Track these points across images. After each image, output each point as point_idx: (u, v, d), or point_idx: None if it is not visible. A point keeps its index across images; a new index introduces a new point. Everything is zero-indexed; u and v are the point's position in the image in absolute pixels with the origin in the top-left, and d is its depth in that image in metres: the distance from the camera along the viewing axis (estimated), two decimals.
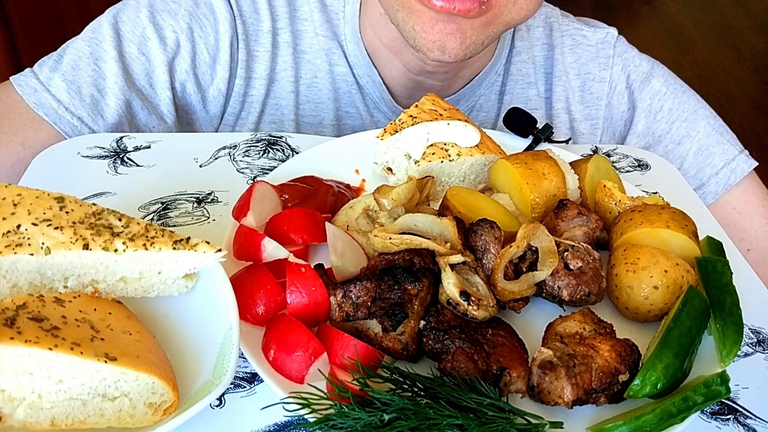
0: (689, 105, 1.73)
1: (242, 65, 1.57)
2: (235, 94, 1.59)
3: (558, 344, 1.02)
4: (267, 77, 1.60)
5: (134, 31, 1.51)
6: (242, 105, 1.61)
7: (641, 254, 1.12)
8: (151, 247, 0.96)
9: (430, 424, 0.89)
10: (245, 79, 1.58)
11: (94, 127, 1.45)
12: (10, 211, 0.95)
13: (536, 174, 1.26)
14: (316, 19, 1.62)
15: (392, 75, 1.63)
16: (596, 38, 1.77)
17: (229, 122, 1.62)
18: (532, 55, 1.74)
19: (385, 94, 1.64)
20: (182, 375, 0.93)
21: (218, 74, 1.56)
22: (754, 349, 1.17)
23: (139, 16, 1.52)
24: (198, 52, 1.53)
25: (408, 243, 1.09)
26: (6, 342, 0.79)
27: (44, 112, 1.43)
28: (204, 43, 1.53)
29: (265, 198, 1.21)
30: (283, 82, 1.62)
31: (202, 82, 1.56)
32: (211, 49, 1.54)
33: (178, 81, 1.54)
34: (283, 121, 1.63)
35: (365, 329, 1.03)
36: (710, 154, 1.68)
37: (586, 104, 1.75)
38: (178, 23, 1.52)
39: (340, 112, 1.67)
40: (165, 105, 1.52)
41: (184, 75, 1.53)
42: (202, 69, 1.55)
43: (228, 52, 1.55)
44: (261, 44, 1.59)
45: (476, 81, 1.68)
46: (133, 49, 1.50)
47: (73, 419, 0.85)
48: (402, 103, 1.67)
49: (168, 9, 1.53)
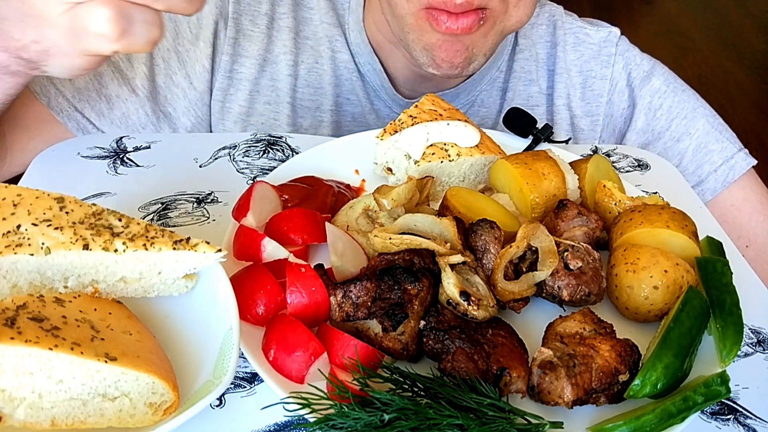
0: (689, 103, 1.74)
1: (229, 42, 1.62)
2: (222, 69, 1.62)
3: (558, 344, 1.02)
4: (261, 57, 1.64)
5: None
6: (230, 81, 1.64)
7: (641, 254, 1.12)
8: (151, 247, 0.96)
9: (430, 424, 0.89)
10: (232, 56, 1.62)
11: (68, 97, 1.51)
12: (10, 212, 0.95)
13: (536, 174, 1.26)
14: (323, 7, 1.67)
15: (395, 66, 1.66)
16: (599, 37, 1.78)
17: (218, 98, 1.64)
18: (535, 52, 1.76)
19: (386, 83, 1.67)
20: (182, 375, 0.93)
21: (201, 50, 1.60)
22: (754, 349, 1.17)
23: None
24: (180, 31, 1.59)
25: (408, 243, 1.10)
26: (6, 342, 0.79)
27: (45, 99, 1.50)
28: (186, 21, 1.59)
29: (265, 198, 1.21)
30: (281, 65, 1.65)
31: (186, 59, 1.60)
32: (194, 28, 1.60)
33: (162, 58, 1.58)
34: (279, 102, 1.66)
35: (365, 329, 1.04)
36: (709, 152, 1.69)
37: (587, 101, 1.76)
38: None
39: (340, 99, 1.69)
40: (140, 78, 1.56)
41: (165, 53, 1.58)
42: (185, 46, 1.59)
43: (211, 30, 1.60)
44: (256, 25, 1.64)
45: (477, 76, 1.69)
46: None
47: (74, 419, 0.85)
48: (403, 93, 1.69)
49: None
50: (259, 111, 1.65)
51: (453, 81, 1.68)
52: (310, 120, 1.67)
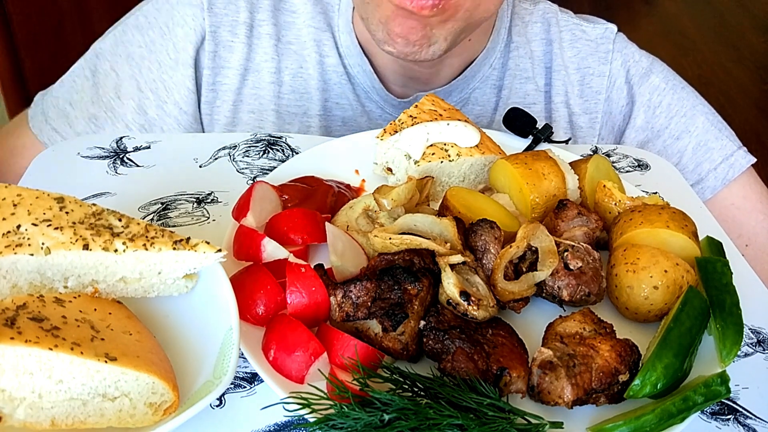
0: (688, 101, 1.73)
1: (209, 56, 1.61)
2: (205, 84, 1.63)
3: (558, 344, 1.02)
4: (242, 67, 1.63)
5: (111, 49, 1.63)
6: (215, 94, 1.64)
7: (641, 254, 1.12)
8: (151, 247, 0.96)
9: (430, 424, 0.89)
10: (213, 69, 1.62)
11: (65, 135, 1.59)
12: (10, 212, 0.95)
13: (536, 174, 1.26)
14: (309, 11, 1.65)
15: (383, 63, 1.64)
16: (595, 33, 1.77)
17: (206, 111, 1.64)
18: (530, 50, 1.75)
19: (376, 83, 1.65)
20: (182, 375, 0.93)
21: (183, 74, 1.61)
22: (754, 349, 1.17)
23: (116, 34, 1.64)
24: (162, 60, 1.61)
25: (408, 243, 1.10)
26: (6, 342, 0.79)
27: (38, 128, 1.59)
28: (166, 50, 1.61)
29: (265, 198, 1.21)
30: (262, 73, 1.65)
31: (172, 85, 1.61)
32: (172, 53, 1.61)
33: (150, 90, 1.60)
34: (263, 110, 1.65)
35: (365, 329, 1.04)
36: (708, 150, 1.68)
37: (585, 98, 1.76)
38: (143, 37, 1.62)
39: (328, 103, 1.68)
40: (131, 113, 1.60)
41: (152, 84, 1.60)
42: (168, 74, 1.61)
43: (190, 53, 1.61)
44: (236, 35, 1.63)
45: (468, 73, 1.67)
46: (106, 66, 1.62)
47: (74, 419, 0.85)
48: (393, 92, 1.67)
49: (137, 24, 1.64)
50: (244, 120, 1.65)
51: (441, 75, 1.65)
52: (298, 126, 1.67)
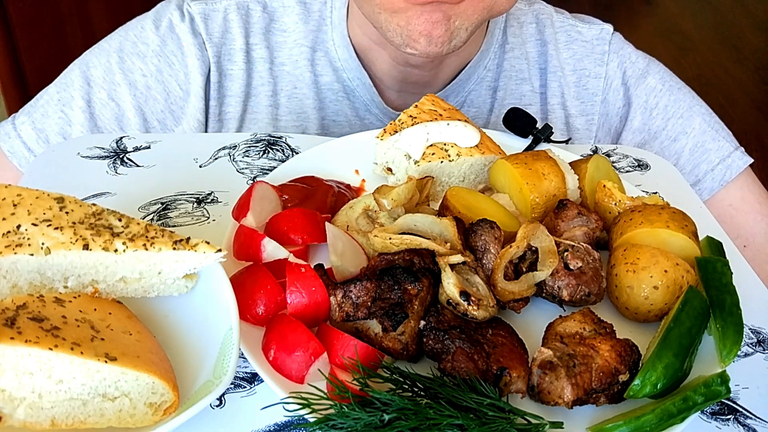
0: (685, 102, 1.73)
1: (214, 87, 1.60)
2: (212, 115, 1.61)
3: (558, 344, 1.02)
4: (243, 94, 1.62)
5: (105, 77, 1.56)
6: (221, 123, 1.63)
7: (641, 254, 1.12)
8: (151, 247, 0.96)
9: (430, 424, 0.89)
10: (218, 99, 1.61)
11: None
12: (10, 212, 0.95)
13: (536, 174, 1.26)
14: (299, 30, 1.62)
15: (382, 70, 1.62)
16: (591, 34, 1.76)
17: None
18: (525, 51, 1.74)
19: (375, 96, 1.64)
20: (182, 375, 0.93)
21: (193, 105, 1.58)
22: (754, 349, 1.17)
23: (110, 61, 1.57)
24: (171, 90, 1.57)
25: (408, 243, 1.10)
26: (6, 342, 0.79)
27: (17, 161, 1.52)
28: (175, 80, 1.57)
29: (265, 198, 1.21)
30: (260, 97, 1.63)
31: (181, 115, 1.59)
32: (183, 84, 1.58)
33: (157, 120, 1.57)
34: None
35: (365, 329, 1.04)
36: (706, 151, 1.68)
37: (582, 100, 1.75)
38: (147, 66, 1.57)
39: (326, 121, 1.67)
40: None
41: (159, 114, 1.57)
42: (178, 104, 1.58)
43: (201, 83, 1.57)
44: (234, 62, 1.61)
45: (463, 75, 1.66)
46: (103, 95, 1.56)
47: (74, 419, 0.85)
48: (391, 103, 1.67)
49: (137, 52, 1.57)
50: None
51: (438, 78, 1.64)
52: None
